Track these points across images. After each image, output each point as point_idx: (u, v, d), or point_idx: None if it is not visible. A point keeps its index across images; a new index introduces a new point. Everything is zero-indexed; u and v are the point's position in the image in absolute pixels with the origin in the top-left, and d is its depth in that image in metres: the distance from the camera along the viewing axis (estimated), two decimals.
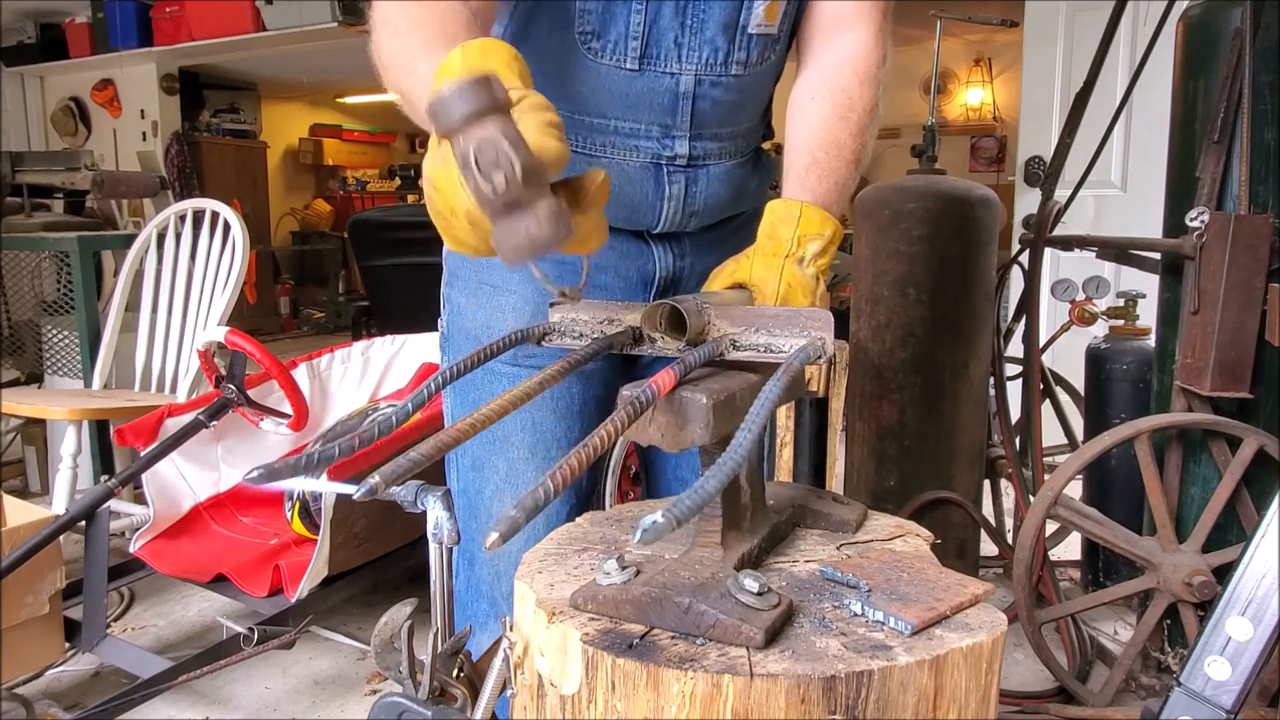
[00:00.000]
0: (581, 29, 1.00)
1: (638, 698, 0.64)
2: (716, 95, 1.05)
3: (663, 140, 1.06)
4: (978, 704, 0.68)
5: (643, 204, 1.08)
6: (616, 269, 1.13)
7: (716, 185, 1.11)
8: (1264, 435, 1.62)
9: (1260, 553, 1.23)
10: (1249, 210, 1.66)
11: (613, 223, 1.09)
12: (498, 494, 1.15)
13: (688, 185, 1.09)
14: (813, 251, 0.93)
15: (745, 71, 1.06)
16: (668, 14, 1.00)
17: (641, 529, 0.52)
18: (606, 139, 1.06)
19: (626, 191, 1.07)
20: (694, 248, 1.15)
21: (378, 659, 0.79)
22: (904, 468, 2.23)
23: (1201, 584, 1.63)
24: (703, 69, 1.03)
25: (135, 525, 2.40)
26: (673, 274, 1.15)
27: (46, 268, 3.37)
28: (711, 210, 1.12)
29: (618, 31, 1.00)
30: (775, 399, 0.65)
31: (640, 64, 1.02)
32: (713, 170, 1.10)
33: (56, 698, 1.96)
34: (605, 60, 1.01)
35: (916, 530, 0.90)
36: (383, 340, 2.57)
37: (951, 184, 2.20)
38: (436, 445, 0.61)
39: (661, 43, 1.01)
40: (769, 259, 0.93)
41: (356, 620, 2.34)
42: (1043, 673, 1.97)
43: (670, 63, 1.02)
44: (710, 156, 1.09)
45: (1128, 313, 2.31)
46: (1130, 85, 2.10)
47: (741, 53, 1.04)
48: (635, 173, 1.07)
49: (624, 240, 1.12)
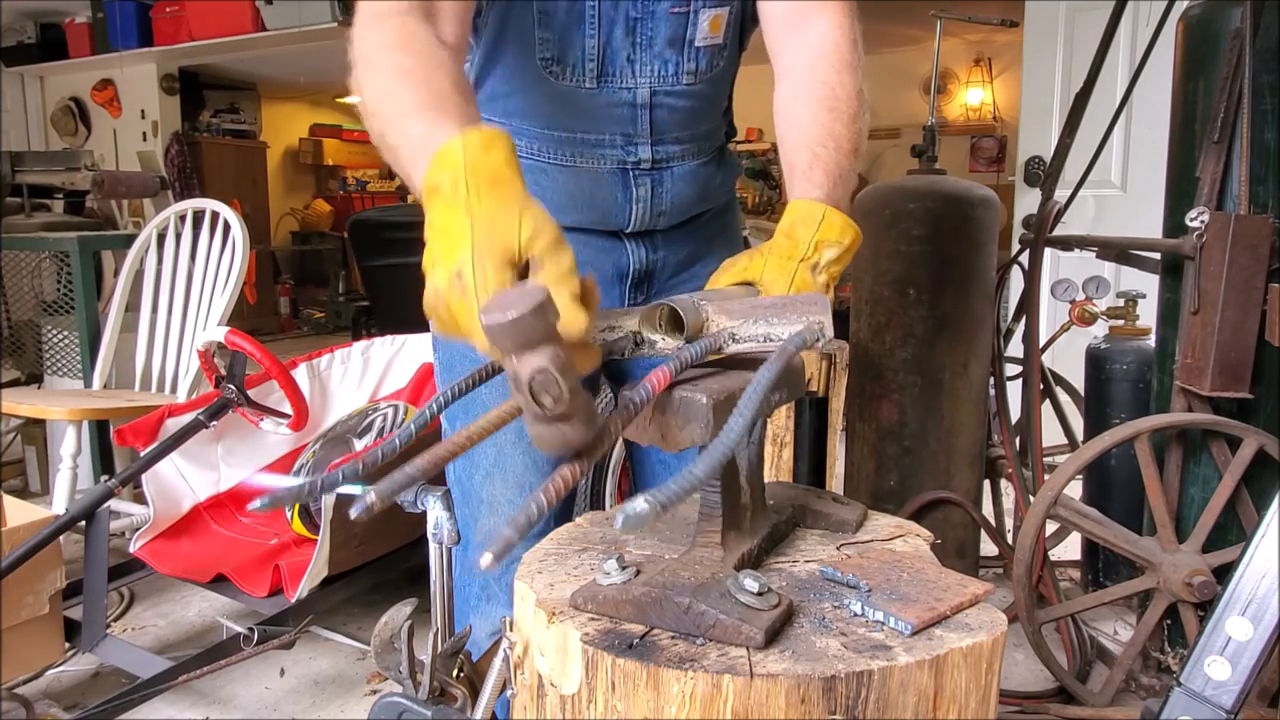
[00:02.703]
0: (542, 55, 1.07)
1: (638, 698, 0.64)
2: (672, 104, 1.11)
3: (626, 147, 1.12)
4: (978, 704, 0.68)
5: (613, 206, 1.14)
6: (592, 264, 1.16)
7: (682, 185, 1.16)
8: (1264, 435, 1.62)
9: (1260, 553, 1.23)
10: (1249, 210, 1.66)
11: (586, 225, 1.14)
12: (488, 479, 1.19)
13: (654, 187, 1.14)
14: (828, 258, 0.93)
15: (697, 81, 1.12)
16: (619, 35, 1.07)
17: (623, 515, 0.52)
18: (575, 149, 1.12)
19: (597, 196, 1.13)
20: (665, 241, 1.20)
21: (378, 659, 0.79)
22: (904, 468, 2.23)
23: (1201, 584, 1.63)
24: (656, 82, 1.10)
25: (135, 525, 2.40)
26: (646, 266, 1.20)
27: (46, 268, 3.37)
28: (679, 209, 1.18)
29: (575, 55, 1.07)
30: (769, 382, 0.65)
31: (598, 82, 1.09)
32: (677, 171, 1.15)
33: (56, 698, 1.96)
34: (566, 81, 1.08)
35: (916, 530, 0.90)
36: (383, 340, 2.57)
37: (951, 184, 2.20)
38: (433, 459, 0.61)
39: (615, 61, 1.08)
40: (783, 260, 0.93)
41: (356, 620, 2.34)
42: (1043, 673, 1.97)
43: (625, 78, 1.09)
44: (673, 159, 1.15)
45: (1128, 313, 2.31)
46: (1130, 85, 2.10)
47: (691, 64, 1.10)
48: (604, 177, 1.13)
49: (598, 238, 1.17)
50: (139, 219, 4.66)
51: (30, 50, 6.58)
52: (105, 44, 6.22)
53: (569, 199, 1.13)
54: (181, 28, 5.94)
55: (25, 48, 6.59)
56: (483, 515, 1.18)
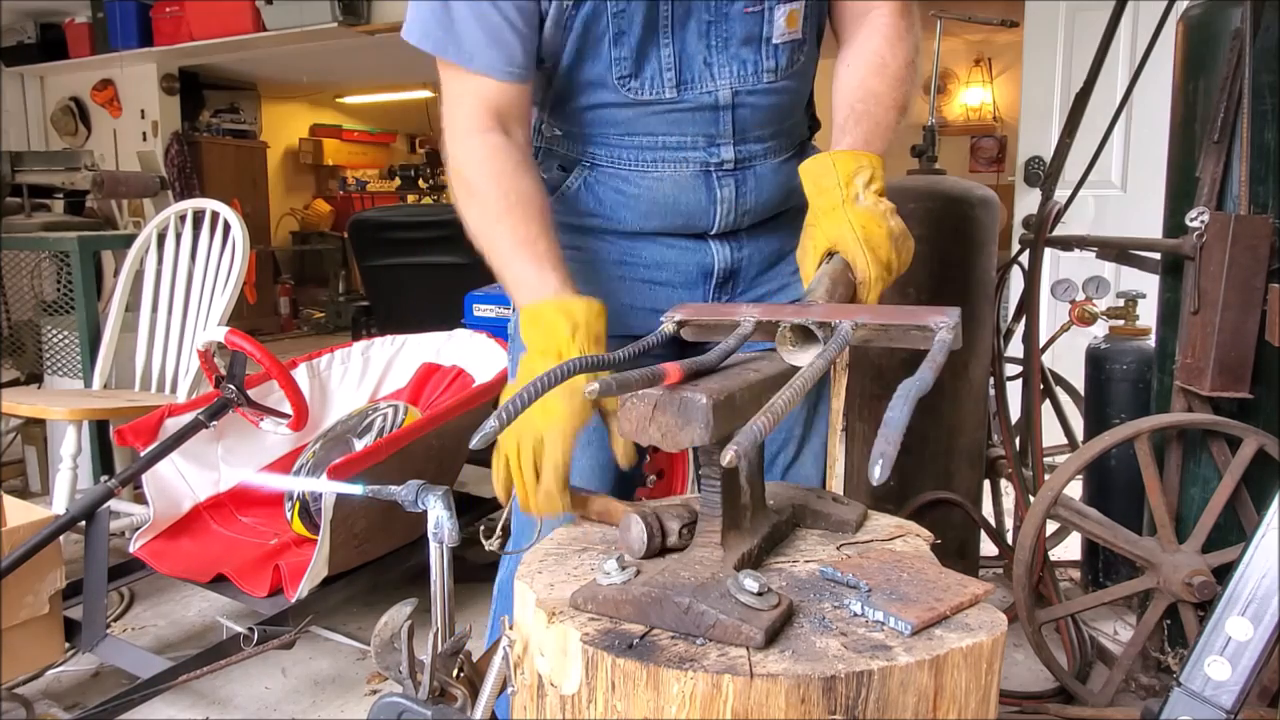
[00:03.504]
0: (619, 74, 1.07)
1: (638, 698, 0.64)
2: (755, 103, 1.10)
3: (709, 149, 1.11)
4: (978, 704, 0.68)
5: (696, 209, 1.13)
6: (676, 265, 1.17)
7: (765, 184, 1.15)
8: (1264, 435, 1.62)
9: (1260, 553, 1.23)
10: (1249, 210, 1.65)
11: (670, 229, 1.15)
12: None
13: (737, 187, 1.13)
14: (861, 183, 0.97)
15: (777, 78, 1.10)
16: (693, 41, 1.06)
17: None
18: (656, 154, 1.11)
19: (680, 200, 1.13)
20: (751, 239, 1.19)
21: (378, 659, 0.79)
22: (904, 468, 2.22)
23: (1201, 584, 1.62)
24: (736, 82, 1.08)
25: (135, 525, 2.40)
26: (731, 266, 1.18)
27: (46, 268, 3.37)
28: (764, 207, 1.16)
29: (652, 69, 1.06)
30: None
31: (678, 91, 1.08)
32: (759, 170, 1.14)
33: (56, 698, 1.96)
34: (645, 95, 1.08)
35: (916, 530, 0.90)
36: (383, 340, 2.57)
37: (951, 184, 2.19)
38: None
39: (693, 68, 1.07)
40: (830, 213, 0.96)
41: (356, 620, 2.34)
42: (1043, 673, 1.97)
43: (705, 83, 1.08)
44: (755, 158, 1.14)
45: (1128, 313, 2.31)
46: (1130, 85, 2.10)
47: (770, 61, 1.09)
48: (687, 181, 1.12)
49: (682, 238, 1.17)
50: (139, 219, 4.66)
51: (30, 50, 6.58)
52: (105, 44, 6.22)
53: (652, 205, 1.13)
54: (181, 28, 5.94)
55: (25, 48, 6.59)
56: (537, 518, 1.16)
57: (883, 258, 0.95)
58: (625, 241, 1.17)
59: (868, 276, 0.94)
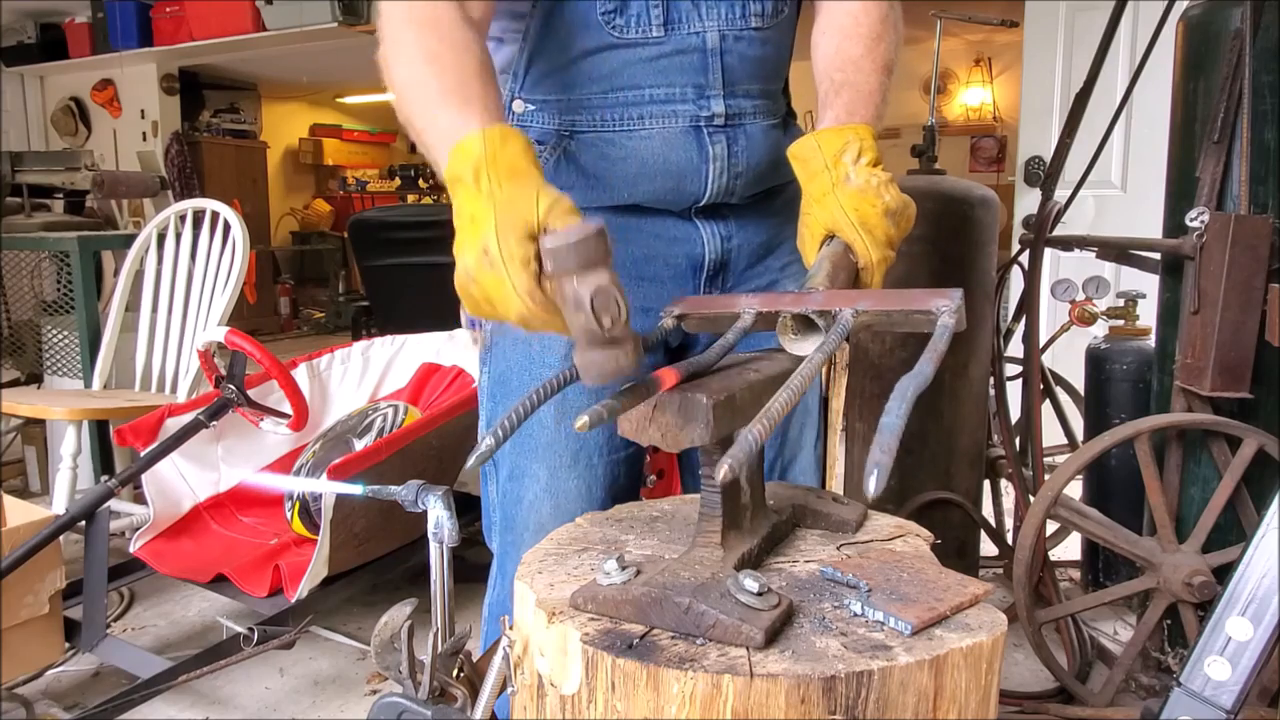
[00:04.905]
0: (604, 10, 1.03)
1: (638, 698, 0.64)
2: (741, 49, 1.08)
3: (698, 101, 1.08)
4: (978, 704, 0.68)
5: (688, 168, 1.09)
6: (665, 257, 1.13)
7: (756, 145, 1.11)
8: (1264, 435, 1.62)
9: (1260, 553, 1.24)
10: (1249, 210, 1.65)
11: (660, 195, 1.10)
12: (535, 504, 1.12)
13: (729, 145, 1.09)
14: (850, 160, 0.94)
15: (764, 24, 1.09)
16: None
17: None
18: (643, 109, 1.07)
19: (671, 159, 1.08)
20: (739, 225, 1.15)
21: (378, 659, 0.79)
22: (904, 468, 2.22)
23: (1201, 584, 1.62)
24: (724, 24, 1.06)
25: (135, 525, 2.40)
26: (721, 255, 1.15)
27: (46, 268, 3.37)
28: (755, 172, 1.12)
29: (639, 5, 1.04)
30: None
31: (665, 29, 1.05)
32: (750, 129, 1.11)
33: (56, 698, 1.96)
34: (631, 34, 1.05)
35: (916, 530, 0.90)
36: (383, 340, 2.57)
37: (951, 184, 2.19)
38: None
39: (681, 5, 1.05)
40: (822, 199, 0.94)
41: (356, 620, 2.34)
42: (1043, 673, 1.97)
43: (693, 22, 1.05)
44: (745, 115, 1.11)
45: (1128, 313, 2.31)
46: (1130, 85, 2.10)
47: (758, 4, 1.08)
48: (677, 138, 1.08)
49: (669, 224, 1.13)
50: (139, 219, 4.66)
51: (30, 50, 6.58)
52: (105, 44, 6.22)
53: (640, 167, 1.08)
54: (181, 28, 5.94)
55: (25, 48, 6.59)
56: (526, 542, 1.08)
57: (880, 237, 0.92)
58: (610, 229, 1.14)
59: (869, 260, 0.92)
